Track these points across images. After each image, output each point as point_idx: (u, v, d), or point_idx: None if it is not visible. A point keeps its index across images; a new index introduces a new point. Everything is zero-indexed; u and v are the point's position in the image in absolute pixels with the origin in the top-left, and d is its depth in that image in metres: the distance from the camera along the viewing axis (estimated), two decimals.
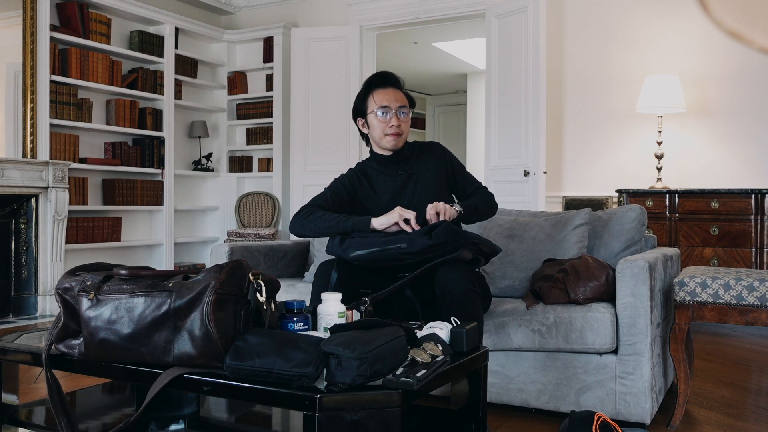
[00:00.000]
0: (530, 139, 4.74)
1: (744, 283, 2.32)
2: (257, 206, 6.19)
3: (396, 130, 2.44)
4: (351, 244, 2.25)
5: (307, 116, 5.89)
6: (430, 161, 2.52)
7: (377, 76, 2.52)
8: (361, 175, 2.53)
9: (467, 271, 2.19)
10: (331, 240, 2.33)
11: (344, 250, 2.25)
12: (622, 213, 2.87)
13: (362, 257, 2.21)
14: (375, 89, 2.48)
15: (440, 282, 2.15)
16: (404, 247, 2.17)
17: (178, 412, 2.04)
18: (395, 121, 2.44)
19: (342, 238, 2.29)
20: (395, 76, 2.51)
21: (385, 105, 2.44)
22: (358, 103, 2.53)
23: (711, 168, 4.65)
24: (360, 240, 2.24)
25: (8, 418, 2.00)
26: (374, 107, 2.46)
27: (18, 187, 4.48)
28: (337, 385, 1.44)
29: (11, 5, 4.66)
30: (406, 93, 2.52)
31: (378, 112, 2.44)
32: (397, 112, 2.45)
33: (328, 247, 2.35)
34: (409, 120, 2.50)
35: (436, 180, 2.48)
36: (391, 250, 2.18)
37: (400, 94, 2.49)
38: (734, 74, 4.57)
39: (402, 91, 2.51)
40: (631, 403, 2.32)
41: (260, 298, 1.64)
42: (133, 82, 5.53)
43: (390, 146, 2.48)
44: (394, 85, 2.49)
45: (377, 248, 2.20)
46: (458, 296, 2.11)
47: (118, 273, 1.70)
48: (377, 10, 5.83)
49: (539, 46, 4.69)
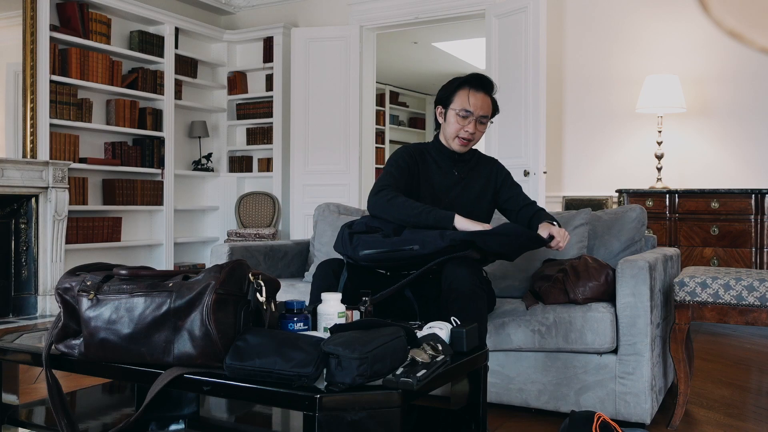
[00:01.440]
0: (530, 139, 4.74)
1: (744, 283, 2.32)
2: (257, 206, 6.20)
3: (468, 136, 2.44)
4: (360, 242, 2.23)
5: (307, 116, 5.89)
6: (482, 173, 2.53)
7: (474, 77, 2.47)
8: (418, 157, 2.52)
9: (475, 268, 2.19)
10: (339, 237, 2.32)
11: (354, 248, 2.24)
12: (622, 213, 2.87)
13: (371, 256, 2.20)
14: (465, 88, 2.44)
15: (448, 277, 2.15)
16: (417, 249, 2.16)
17: (178, 412, 2.04)
18: (471, 128, 2.43)
19: (351, 236, 2.27)
20: (491, 83, 2.48)
21: (468, 109, 2.41)
22: (444, 93, 2.49)
23: (711, 168, 4.65)
24: (369, 239, 2.24)
25: (8, 418, 2.00)
26: (457, 106, 2.43)
27: (18, 187, 4.48)
28: (337, 385, 1.44)
29: (11, 5, 4.66)
30: (494, 101, 2.49)
31: (459, 112, 2.43)
32: (477, 120, 2.43)
33: (336, 245, 2.34)
34: (485, 128, 2.48)
35: (480, 193, 2.50)
36: (403, 252, 2.18)
37: (488, 101, 2.46)
38: (734, 74, 4.57)
39: (491, 98, 2.48)
40: (631, 403, 2.32)
41: (260, 298, 1.64)
42: (133, 82, 5.53)
43: (456, 149, 2.49)
44: (486, 90, 2.45)
45: (388, 248, 2.19)
46: (465, 292, 2.11)
47: (118, 273, 1.70)
48: (377, 10, 5.83)
49: (539, 46, 4.69)
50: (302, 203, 5.88)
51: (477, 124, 2.43)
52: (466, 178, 2.51)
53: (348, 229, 2.32)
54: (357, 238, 2.26)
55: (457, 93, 2.44)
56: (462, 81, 2.46)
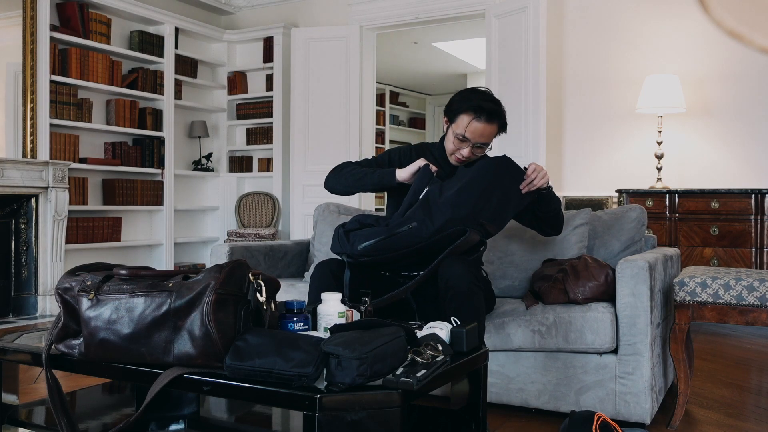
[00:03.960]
0: (530, 139, 4.74)
1: (744, 283, 2.32)
2: (257, 206, 6.20)
3: (463, 158, 2.43)
4: (357, 238, 2.23)
5: (307, 116, 5.89)
6: None
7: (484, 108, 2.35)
8: (418, 155, 2.51)
9: (471, 265, 2.19)
10: (335, 238, 2.31)
11: (351, 245, 2.23)
12: (622, 213, 2.87)
13: (370, 247, 2.19)
14: (468, 113, 2.35)
15: (443, 275, 2.14)
16: (414, 226, 2.16)
17: (178, 412, 2.04)
18: (467, 152, 2.40)
19: (347, 233, 2.26)
20: (493, 111, 2.36)
21: (466, 136, 2.37)
22: (451, 107, 2.42)
23: (711, 168, 4.65)
24: (365, 232, 2.23)
25: (8, 418, 2.00)
26: (458, 129, 2.38)
27: (18, 187, 4.48)
28: (337, 385, 1.44)
29: (11, 5, 4.66)
30: (501, 125, 2.41)
31: (458, 135, 2.38)
32: (473, 147, 2.39)
33: (333, 246, 2.33)
34: (483, 151, 2.44)
35: None
36: (401, 232, 2.17)
37: (491, 129, 2.38)
38: (734, 74, 4.57)
39: (499, 123, 2.39)
40: (631, 403, 2.32)
41: (260, 298, 1.64)
42: (133, 82, 5.53)
43: (453, 162, 2.48)
44: (488, 119, 2.36)
45: (385, 234, 2.18)
46: (461, 290, 2.11)
47: (118, 273, 1.70)
48: (377, 10, 5.83)
49: (539, 46, 4.68)
50: (302, 203, 5.88)
51: (474, 148, 2.40)
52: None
53: (342, 228, 2.31)
54: (353, 234, 2.25)
55: (462, 116, 2.37)
56: (466, 106, 2.36)
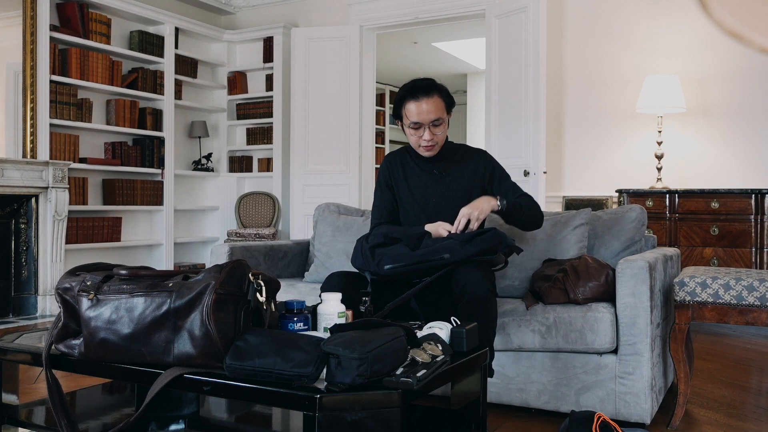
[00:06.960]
0: (530, 138, 4.74)
1: (744, 283, 2.32)
2: (257, 206, 6.19)
3: (429, 143, 2.42)
4: (383, 257, 2.20)
5: (307, 116, 5.89)
6: (467, 167, 2.49)
7: (411, 86, 2.40)
8: (399, 164, 2.53)
9: (488, 272, 2.18)
10: (358, 252, 2.28)
11: (377, 263, 2.19)
12: (622, 213, 2.87)
13: (397, 270, 2.18)
14: (408, 101, 2.39)
15: (460, 281, 2.14)
16: (447, 258, 2.15)
17: (178, 412, 2.04)
18: (428, 135, 2.39)
19: (372, 251, 2.23)
20: (427, 86, 2.38)
21: (416, 121, 2.37)
22: (395, 108, 2.46)
23: (711, 168, 4.65)
24: (392, 251, 2.20)
25: (8, 418, 2.00)
26: (407, 120, 2.41)
27: (18, 187, 4.48)
28: (337, 385, 1.44)
29: (11, 5, 4.66)
30: (444, 96, 2.41)
31: (410, 125, 2.40)
32: (429, 126, 2.39)
33: (355, 260, 2.30)
34: (444, 127, 2.43)
35: (467, 186, 2.46)
36: (432, 262, 2.15)
37: (435, 103, 2.38)
38: (734, 74, 4.57)
39: (440, 95, 2.39)
40: (631, 403, 2.32)
41: (260, 298, 1.64)
42: (133, 82, 5.53)
43: (425, 155, 2.48)
44: (426, 93, 2.37)
45: (415, 260, 2.16)
46: (478, 296, 2.10)
47: (118, 273, 1.70)
48: (377, 10, 5.83)
49: (539, 46, 4.69)
50: (302, 203, 5.88)
51: (431, 128, 2.39)
52: (449, 174, 2.49)
53: (366, 242, 2.28)
54: (379, 252, 2.22)
55: (404, 107, 2.41)
56: (403, 94, 2.41)
